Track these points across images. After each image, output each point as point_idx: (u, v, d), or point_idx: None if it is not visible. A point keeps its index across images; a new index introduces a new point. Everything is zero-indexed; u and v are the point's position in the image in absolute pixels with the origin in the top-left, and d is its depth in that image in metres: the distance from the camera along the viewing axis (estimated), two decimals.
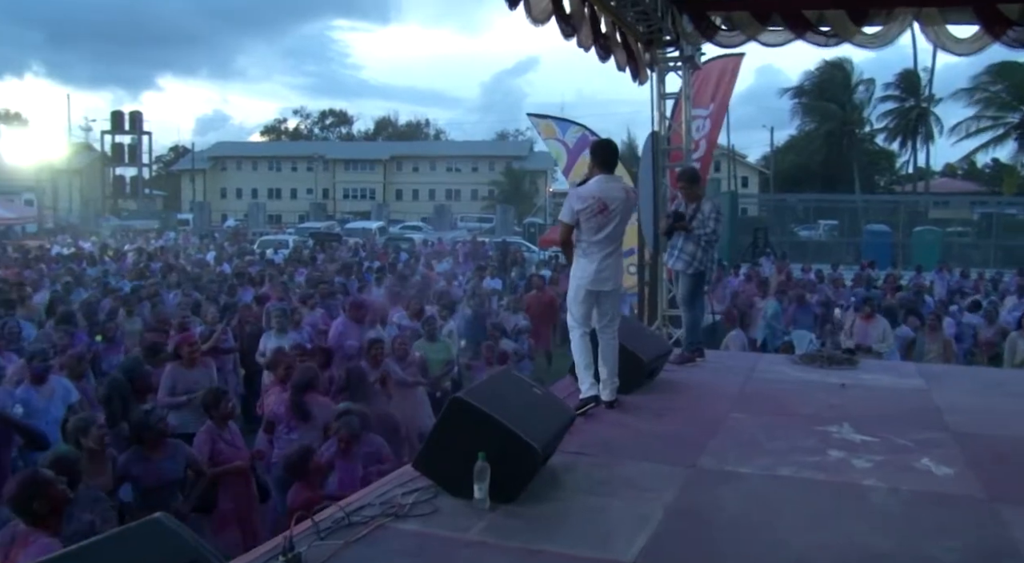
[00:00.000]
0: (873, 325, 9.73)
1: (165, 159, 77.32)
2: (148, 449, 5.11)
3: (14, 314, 10.19)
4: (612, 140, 5.87)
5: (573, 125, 13.04)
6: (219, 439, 5.48)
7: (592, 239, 5.39)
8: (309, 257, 20.10)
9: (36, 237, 30.71)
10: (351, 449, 5.36)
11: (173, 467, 5.12)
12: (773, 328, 11.69)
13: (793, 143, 55.78)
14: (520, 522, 3.62)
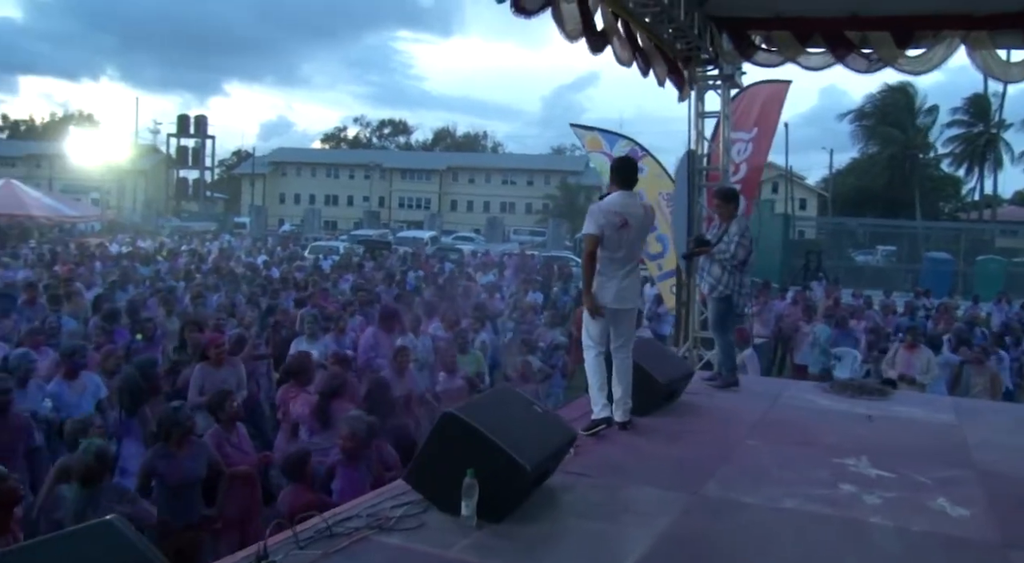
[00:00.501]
0: (917, 355, 9.39)
1: (228, 163, 79.23)
2: (173, 446, 5.18)
3: (60, 310, 10.49)
4: (632, 157, 5.92)
5: (622, 139, 12.71)
6: (226, 442, 5.53)
7: (613, 256, 5.35)
8: (357, 264, 20.29)
9: (99, 235, 31.58)
10: (355, 454, 5.32)
11: (196, 466, 5.19)
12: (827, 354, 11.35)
13: (854, 166, 54.78)
14: (504, 542, 3.57)
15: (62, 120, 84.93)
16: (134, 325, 9.94)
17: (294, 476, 5.08)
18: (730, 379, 7.25)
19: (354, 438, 5.35)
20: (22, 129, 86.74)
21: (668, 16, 7.18)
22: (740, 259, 6.87)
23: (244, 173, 69.60)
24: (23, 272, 16.19)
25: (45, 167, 62.44)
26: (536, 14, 5.52)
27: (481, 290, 16.06)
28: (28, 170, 59.51)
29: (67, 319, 10.19)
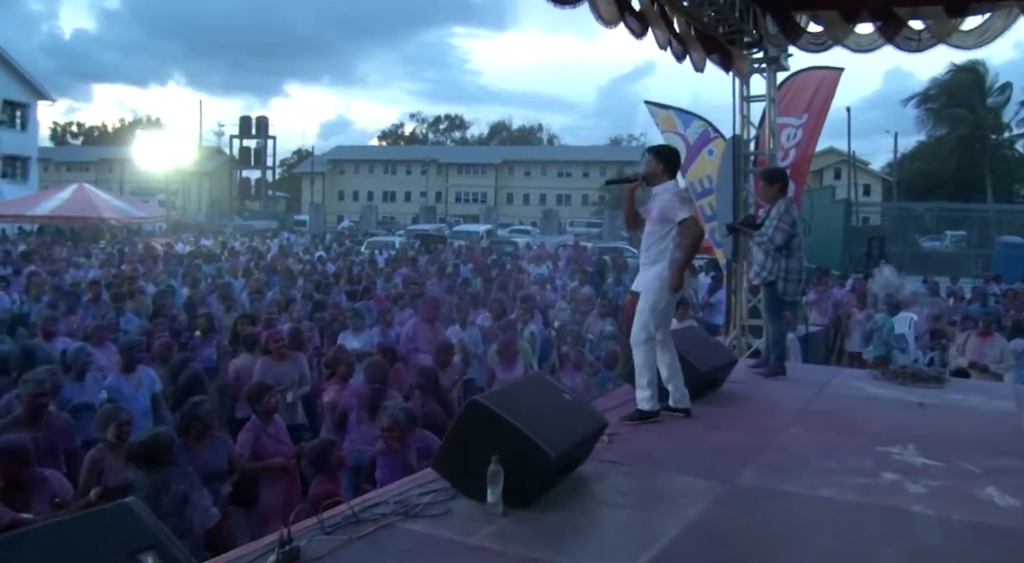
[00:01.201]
0: (990, 343, 8.97)
1: (289, 162, 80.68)
2: (192, 440, 5.30)
3: (122, 307, 10.83)
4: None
5: (697, 119, 12.42)
6: (263, 434, 5.62)
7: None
8: (411, 258, 20.46)
9: (165, 235, 32.50)
10: (396, 444, 5.35)
11: (214, 459, 5.29)
12: (888, 345, 11.01)
13: (921, 150, 53.14)
14: (529, 529, 3.55)
15: (131, 125, 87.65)
16: (191, 321, 10.19)
17: (320, 467, 5.14)
18: (776, 368, 7.10)
19: (394, 428, 5.38)
20: (95, 135, 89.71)
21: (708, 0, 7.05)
22: (778, 243, 6.70)
23: (304, 172, 70.84)
24: (93, 271, 16.76)
25: (116, 171, 64.44)
26: (577, 4, 5.49)
27: (532, 282, 16.06)
28: (100, 174, 61.58)
29: (130, 316, 10.51)
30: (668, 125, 12.04)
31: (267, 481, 5.51)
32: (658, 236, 5.31)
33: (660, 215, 5.28)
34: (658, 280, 5.28)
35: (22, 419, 5.59)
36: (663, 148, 5.69)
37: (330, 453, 5.14)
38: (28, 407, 5.64)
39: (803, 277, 6.84)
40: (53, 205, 29.95)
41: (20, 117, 42.34)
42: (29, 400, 5.64)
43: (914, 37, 7.50)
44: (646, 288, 5.33)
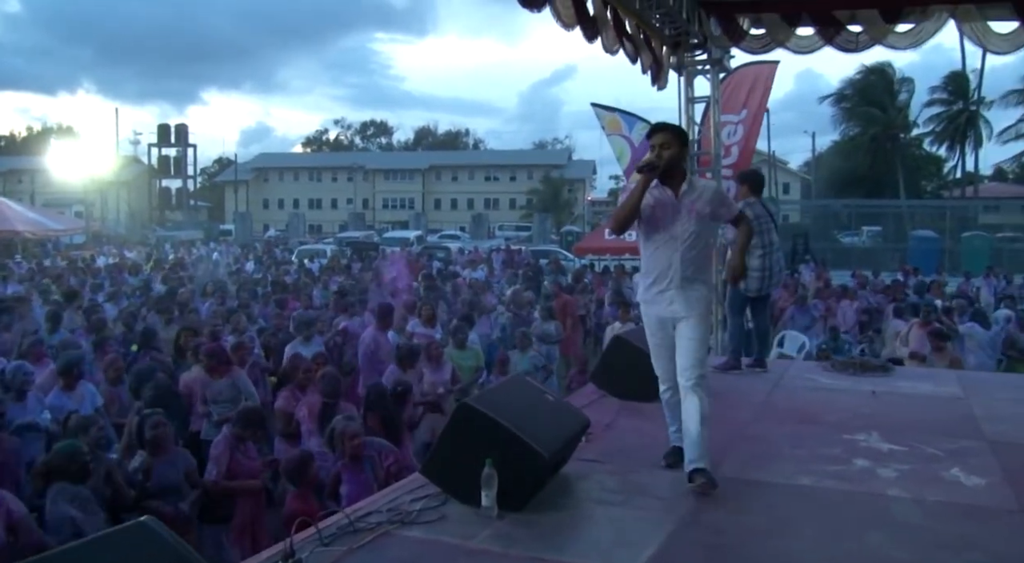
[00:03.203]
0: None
1: (210, 171, 78.82)
2: (151, 454, 5.20)
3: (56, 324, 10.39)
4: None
5: (640, 121, 12.46)
6: (236, 449, 5.48)
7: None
8: (345, 266, 20.22)
9: (84, 247, 31.37)
10: (358, 456, 5.19)
11: (171, 473, 5.18)
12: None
13: (836, 149, 54.94)
14: (527, 531, 3.55)
15: (41, 134, 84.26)
16: (128, 336, 9.87)
17: (296, 481, 5.02)
18: (733, 362, 7.27)
19: (356, 435, 5.24)
20: (1, 144, 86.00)
21: (658, 1, 7.17)
22: (728, 240, 6.84)
23: (227, 180, 69.25)
24: (13, 286, 16.07)
25: (26, 182, 62.01)
26: (542, 7, 5.51)
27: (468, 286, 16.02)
28: (8, 185, 59.15)
29: (61, 331, 10.10)
30: (614, 127, 12.14)
31: (241, 498, 5.37)
32: (702, 242, 4.27)
33: (712, 213, 4.29)
34: (706, 303, 4.33)
35: None
36: (683, 130, 4.55)
37: (308, 467, 5.01)
38: None
39: (768, 274, 6.99)
40: None
41: None
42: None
43: (852, 39, 7.76)
44: (697, 313, 4.20)
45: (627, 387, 5.86)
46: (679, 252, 4.19)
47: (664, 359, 4.37)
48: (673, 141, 4.16)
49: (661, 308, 4.25)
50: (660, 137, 4.18)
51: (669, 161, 4.14)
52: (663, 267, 4.22)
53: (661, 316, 4.28)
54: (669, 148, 4.13)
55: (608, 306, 13.46)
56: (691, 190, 4.22)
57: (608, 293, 14.31)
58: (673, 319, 4.24)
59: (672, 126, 4.34)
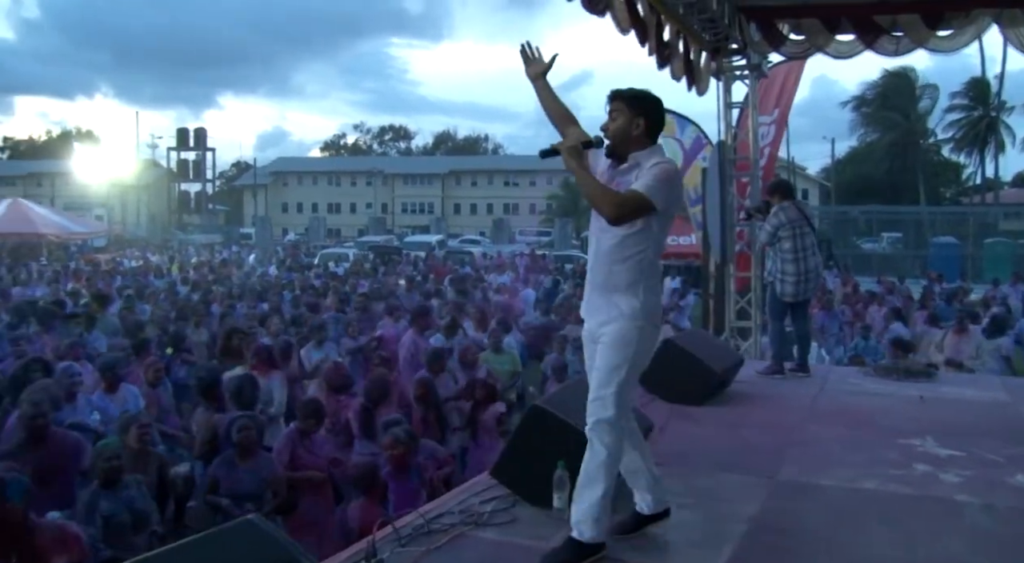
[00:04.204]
0: (965, 340, 9.31)
1: (228, 175, 79.28)
2: (238, 457, 5.26)
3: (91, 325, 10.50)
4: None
5: (690, 124, 12.38)
6: (299, 445, 5.53)
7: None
8: (372, 270, 20.33)
9: (104, 251, 31.64)
10: (403, 463, 5.19)
11: (253, 478, 5.22)
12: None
13: (854, 154, 54.74)
14: None
15: (60, 138, 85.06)
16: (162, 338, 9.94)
17: (364, 489, 5.03)
18: (775, 367, 7.26)
19: (397, 444, 5.20)
20: (21, 149, 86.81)
21: (702, 7, 7.20)
22: (761, 242, 7.48)
23: (246, 184, 69.64)
24: (40, 289, 16.24)
25: (46, 185, 62.55)
26: (604, 12, 5.57)
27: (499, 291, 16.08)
28: (28, 188, 59.50)
29: (96, 333, 10.20)
30: (668, 130, 11.97)
31: (304, 491, 5.42)
32: (628, 239, 3.17)
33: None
34: (622, 327, 3.17)
35: (23, 443, 5.37)
36: (641, 94, 3.31)
37: (377, 476, 5.02)
38: (27, 429, 5.42)
39: (805, 279, 6.97)
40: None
41: None
42: (27, 422, 5.42)
43: (893, 43, 7.75)
44: (608, 335, 3.18)
45: (677, 390, 5.88)
46: (594, 249, 3.31)
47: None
48: (622, 110, 3.26)
49: (584, 320, 3.38)
50: (611, 106, 3.30)
51: (615, 133, 3.26)
52: (589, 266, 3.35)
53: (584, 329, 3.38)
54: (616, 119, 3.26)
55: None
56: (630, 169, 3.24)
57: None
58: (592, 339, 3.30)
59: (626, 92, 3.31)
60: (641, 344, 3.20)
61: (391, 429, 5.31)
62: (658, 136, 3.35)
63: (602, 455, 3.14)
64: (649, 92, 3.33)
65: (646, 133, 3.27)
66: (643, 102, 3.28)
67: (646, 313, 3.18)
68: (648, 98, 3.30)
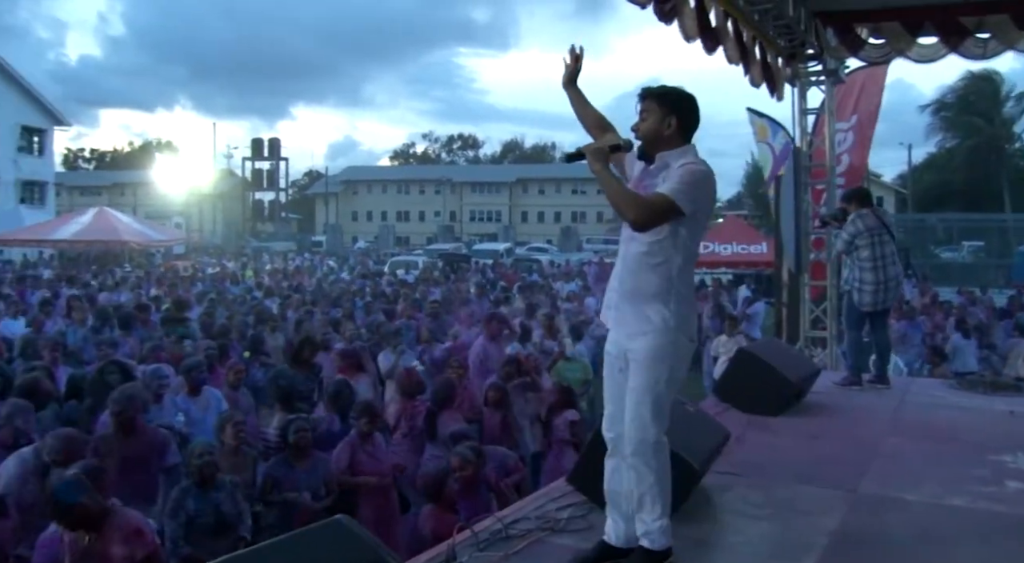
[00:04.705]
0: None
1: (300, 183, 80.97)
2: (293, 457, 5.36)
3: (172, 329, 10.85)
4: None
5: (782, 129, 12.27)
6: (360, 450, 5.62)
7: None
8: (444, 277, 20.55)
9: (184, 258, 32.63)
10: (473, 481, 5.15)
11: (310, 480, 5.33)
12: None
13: (932, 161, 53.02)
14: (677, 542, 3.51)
15: (141, 149, 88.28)
16: (240, 343, 10.21)
17: (433, 496, 5.03)
18: (853, 378, 7.10)
19: (466, 465, 5.10)
20: (106, 160, 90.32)
21: (777, 12, 7.11)
22: (837, 250, 7.31)
23: (317, 193, 71.09)
24: (124, 294, 16.84)
25: (128, 194, 64.91)
26: (672, 20, 5.56)
27: (568, 299, 16.08)
28: (112, 198, 61.87)
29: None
30: (762, 135, 11.74)
31: (364, 496, 5.50)
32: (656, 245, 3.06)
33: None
34: (656, 341, 3.06)
35: (112, 435, 5.57)
36: (673, 91, 3.18)
37: (445, 483, 5.03)
38: (116, 422, 5.63)
39: (884, 288, 6.80)
40: (75, 229, 30.02)
41: (38, 143, 42.64)
42: (115, 416, 5.63)
43: (980, 46, 7.54)
44: (641, 352, 3.07)
45: (753, 400, 5.80)
46: (622, 255, 3.18)
47: (606, 399, 3.28)
48: (652, 109, 3.13)
49: (610, 331, 3.27)
50: (641, 106, 3.17)
51: (645, 134, 3.14)
52: (612, 275, 3.26)
53: (609, 338, 3.27)
54: (646, 119, 3.13)
55: (708, 320, 13.32)
56: (658, 170, 3.11)
57: (707, 307, 14.17)
58: (618, 351, 3.17)
59: (657, 89, 3.18)
60: (675, 359, 3.11)
61: (458, 449, 5.23)
62: (692, 135, 3.17)
63: (650, 478, 3.07)
64: (682, 89, 3.18)
65: (678, 132, 3.11)
66: (675, 100, 3.14)
67: (678, 324, 3.06)
68: (681, 95, 3.16)
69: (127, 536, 3.79)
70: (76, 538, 3.73)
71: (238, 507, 4.78)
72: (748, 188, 59.20)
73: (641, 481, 3.09)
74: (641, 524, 3.13)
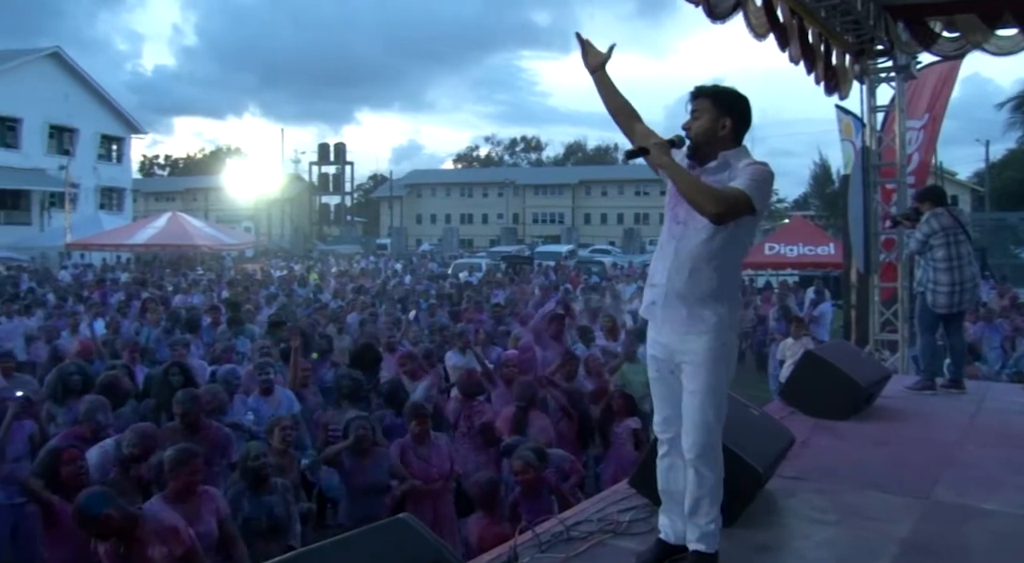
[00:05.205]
0: None
1: (365, 187, 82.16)
2: (356, 453, 5.47)
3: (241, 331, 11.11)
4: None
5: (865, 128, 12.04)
6: (411, 451, 5.65)
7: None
8: (509, 279, 20.62)
9: (252, 261, 33.39)
10: (534, 485, 5.08)
11: (376, 472, 5.45)
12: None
13: (1011, 158, 51.16)
14: (741, 546, 3.49)
15: (212, 155, 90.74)
16: (307, 344, 10.38)
17: (484, 505, 4.99)
18: (926, 382, 6.90)
19: (528, 469, 5.05)
20: (180, 166, 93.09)
21: (845, 8, 6.96)
22: (910, 250, 7.11)
23: (382, 196, 72.02)
24: (197, 297, 17.31)
25: (200, 199, 66.72)
26: (728, 18, 5.47)
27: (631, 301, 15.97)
28: (185, 203, 63.62)
29: (243, 339, 10.77)
30: (847, 133, 11.45)
31: (412, 500, 5.51)
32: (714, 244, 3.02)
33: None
34: (712, 341, 3.03)
35: (180, 429, 5.74)
36: (729, 92, 3.15)
37: (497, 491, 5.01)
38: (181, 420, 5.79)
39: (960, 289, 6.58)
40: (150, 234, 31.02)
41: (116, 151, 44.25)
42: (180, 414, 5.79)
43: None
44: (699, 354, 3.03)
45: (820, 404, 5.70)
46: (673, 253, 3.09)
47: (657, 402, 3.26)
48: (706, 108, 3.07)
49: (653, 332, 3.19)
50: (694, 105, 3.12)
51: (698, 133, 3.07)
52: (655, 272, 3.16)
53: (654, 341, 3.18)
54: (699, 118, 3.08)
55: (775, 322, 13.10)
56: (720, 168, 3.05)
57: (773, 309, 13.93)
58: (668, 354, 3.13)
59: (712, 89, 3.13)
60: (730, 360, 3.12)
61: (520, 451, 5.17)
62: (743, 138, 3.14)
63: (711, 481, 3.08)
64: (738, 91, 3.14)
65: (732, 134, 3.07)
66: (731, 101, 3.10)
67: (731, 324, 3.06)
68: (736, 97, 3.11)
69: (164, 537, 3.88)
70: (109, 548, 3.81)
71: (289, 511, 4.86)
72: (815, 188, 58.01)
73: (702, 484, 3.08)
74: (695, 528, 3.12)
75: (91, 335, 10.37)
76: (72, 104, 39.73)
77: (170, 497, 4.28)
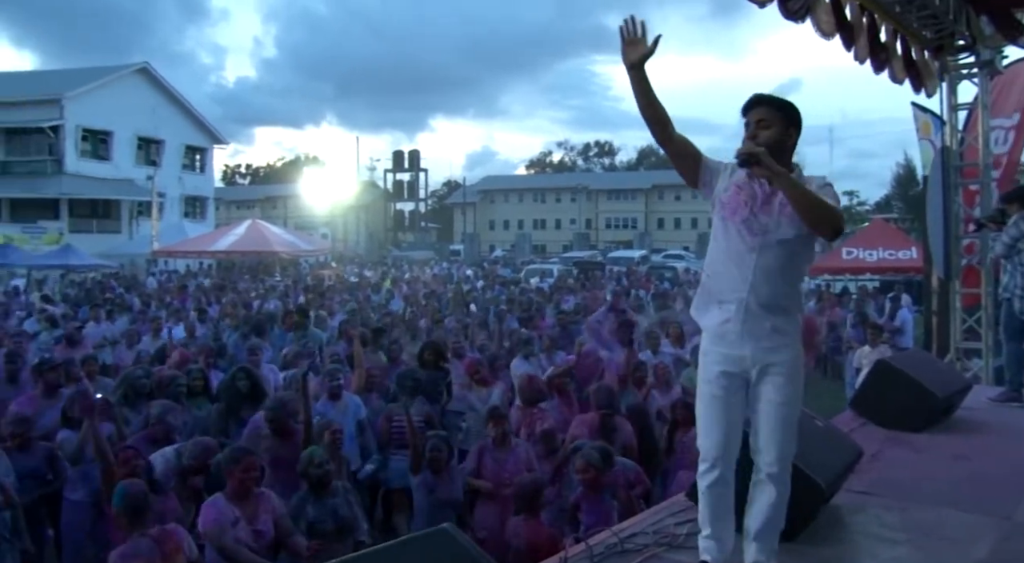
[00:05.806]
0: None
1: (439, 194, 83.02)
2: (434, 474, 5.47)
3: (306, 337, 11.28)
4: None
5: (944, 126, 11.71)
6: (488, 454, 5.66)
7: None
8: (577, 285, 20.53)
9: (328, 267, 34.05)
10: (597, 485, 5.03)
11: (451, 489, 5.45)
12: None
13: None
14: (805, 561, 3.37)
15: (291, 164, 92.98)
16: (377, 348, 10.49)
17: (525, 508, 4.94)
18: (1012, 394, 6.57)
19: (589, 468, 5.03)
20: (260, 175, 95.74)
21: (921, 2, 6.70)
22: (996, 253, 6.74)
23: (455, 203, 72.66)
24: (274, 302, 17.71)
25: (279, 207, 68.40)
26: (802, 16, 5.35)
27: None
28: (265, 211, 65.37)
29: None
30: (926, 131, 11.12)
31: (479, 501, 5.52)
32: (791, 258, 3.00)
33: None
34: (796, 341, 3.07)
35: (269, 434, 5.86)
36: (792, 105, 3.09)
37: (540, 494, 4.95)
38: (270, 426, 5.90)
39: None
40: (230, 241, 31.92)
41: (199, 161, 45.85)
42: (268, 419, 5.90)
43: None
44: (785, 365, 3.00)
45: (892, 415, 5.48)
46: (754, 264, 2.96)
47: (715, 422, 3.07)
48: (774, 118, 2.99)
49: (725, 347, 3.03)
50: (756, 113, 3.01)
51: (768, 144, 2.92)
52: (725, 288, 3.04)
53: (727, 356, 3.02)
54: (769, 127, 2.97)
55: (851, 329, 12.70)
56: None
57: (850, 315, 13.51)
58: (744, 367, 3.01)
59: (773, 98, 3.06)
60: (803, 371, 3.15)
61: (584, 450, 5.14)
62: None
63: (787, 493, 3.10)
64: (794, 104, 3.08)
65: (793, 146, 3.03)
66: (795, 113, 3.05)
67: (801, 336, 3.13)
68: (798, 110, 3.07)
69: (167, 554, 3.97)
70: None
71: (353, 510, 4.91)
72: (898, 190, 56.20)
73: (781, 500, 3.09)
74: (763, 548, 3.09)
75: (169, 340, 10.71)
76: (159, 116, 41.37)
77: (230, 495, 4.43)
